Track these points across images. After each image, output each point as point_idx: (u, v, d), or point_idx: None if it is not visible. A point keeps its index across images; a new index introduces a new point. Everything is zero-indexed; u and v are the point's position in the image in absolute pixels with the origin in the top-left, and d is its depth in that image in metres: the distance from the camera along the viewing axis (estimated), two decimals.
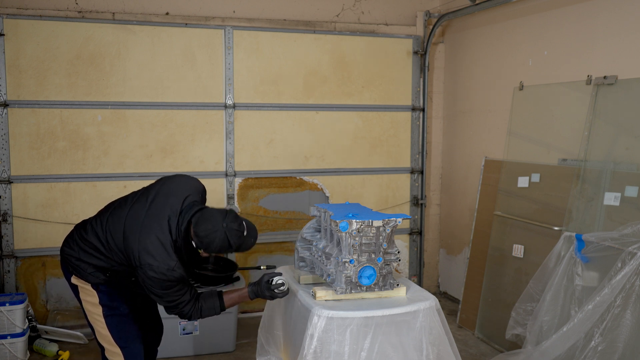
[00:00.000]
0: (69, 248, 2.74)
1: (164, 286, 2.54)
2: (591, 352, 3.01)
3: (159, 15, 4.58)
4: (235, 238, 2.56)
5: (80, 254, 2.70)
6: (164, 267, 2.50)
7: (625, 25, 3.44)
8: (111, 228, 2.65)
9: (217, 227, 2.53)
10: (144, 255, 2.51)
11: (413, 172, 5.28)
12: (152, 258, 2.50)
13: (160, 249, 2.52)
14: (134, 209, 2.65)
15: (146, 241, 2.53)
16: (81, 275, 2.70)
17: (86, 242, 2.69)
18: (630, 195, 3.26)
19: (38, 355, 4.05)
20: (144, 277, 2.52)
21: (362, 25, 5.12)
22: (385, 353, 2.41)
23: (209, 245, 2.55)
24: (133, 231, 2.57)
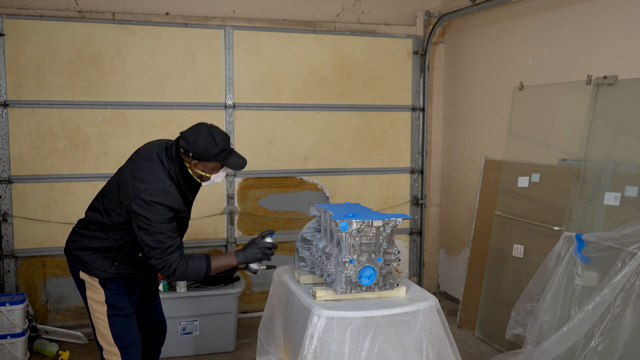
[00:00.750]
0: (71, 242, 2.73)
1: (157, 218, 2.47)
2: (591, 352, 3.01)
3: (159, 15, 4.58)
4: (220, 137, 2.57)
5: (83, 241, 2.67)
6: (158, 189, 2.48)
7: (625, 25, 3.44)
8: (105, 191, 2.67)
9: (202, 127, 2.58)
10: (137, 184, 2.50)
11: (413, 172, 5.29)
12: (145, 183, 2.49)
13: (152, 174, 2.52)
14: (121, 169, 2.68)
15: (138, 172, 2.54)
16: (88, 270, 2.67)
17: (86, 224, 2.69)
18: (630, 195, 3.26)
19: (38, 355, 4.05)
20: (137, 211, 2.46)
21: (362, 25, 5.12)
22: (385, 353, 2.41)
23: (195, 145, 2.52)
24: (125, 175, 2.58)
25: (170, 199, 2.50)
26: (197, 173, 2.64)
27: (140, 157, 2.63)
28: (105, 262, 2.66)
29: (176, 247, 2.52)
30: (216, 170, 2.65)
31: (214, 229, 4.75)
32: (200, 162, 2.59)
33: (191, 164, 2.61)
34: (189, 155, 2.57)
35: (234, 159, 2.63)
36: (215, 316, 4.06)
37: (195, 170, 2.63)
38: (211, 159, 2.57)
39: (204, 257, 2.60)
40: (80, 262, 2.69)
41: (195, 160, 2.58)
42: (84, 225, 2.71)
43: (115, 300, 2.71)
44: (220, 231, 4.76)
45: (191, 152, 2.55)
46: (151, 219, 2.47)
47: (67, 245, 2.76)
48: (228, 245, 4.78)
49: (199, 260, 2.58)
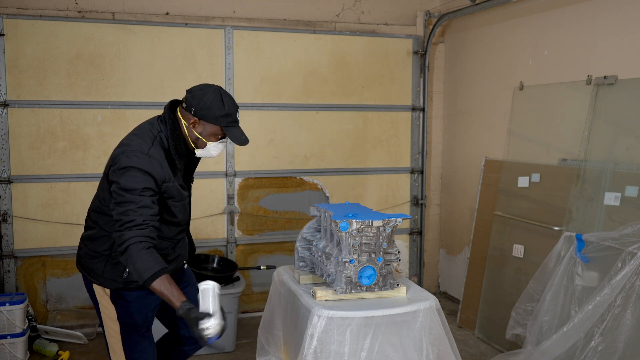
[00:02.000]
0: (80, 250, 2.56)
1: (130, 185, 2.20)
2: (591, 352, 3.01)
3: (159, 15, 4.58)
4: (229, 101, 2.39)
5: (88, 245, 2.48)
6: (136, 151, 2.25)
7: (625, 25, 3.44)
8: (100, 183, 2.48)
9: (212, 86, 2.41)
10: (117, 151, 2.32)
11: (413, 172, 5.28)
12: (124, 147, 2.31)
13: (135, 139, 2.33)
14: None
15: (122, 141, 2.38)
16: (99, 281, 2.45)
17: (89, 225, 2.51)
18: (630, 195, 3.26)
19: (38, 355, 4.05)
20: (113, 178, 2.26)
21: (362, 25, 5.12)
22: (385, 353, 2.41)
23: (200, 99, 2.32)
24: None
25: (148, 163, 2.24)
26: (193, 135, 2.39)
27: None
28: (114, 269, 2.42)
29: (137, 225, 2.19)
30: (214, 138, 2.41)
31: (214, 229, 4.75)
32: (201, 121, 2.36)
33: (190, 122, 2.37)
34: (190, 110, 2.34)
35: (237, 132, 2.41)
36: None
37: (192, 131, 2.39)
38: (213, 120, 2.35)
39: (159, 266, 2.19)
40: (90, 272, 2.48)
41: (196, 118, 2.35)
42: (87, 227, 2.54)
43: (128, 318, 2.47)
44: (220, 231, 4.76)
45: (194, 107, 2.33)
46: (124, 185, 2.22)
47: (77, 255, 2.58)
48: (228, 245, 4.78)
49: (153, 263, 2.19)
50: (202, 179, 4.61)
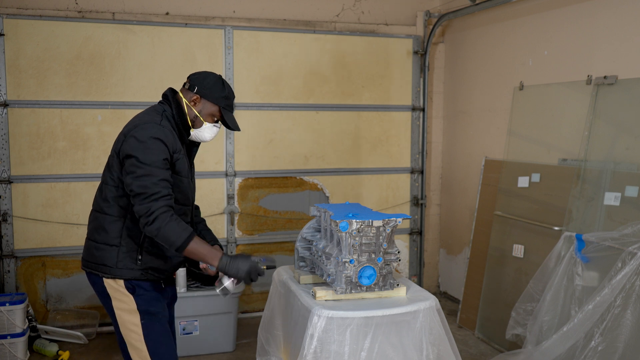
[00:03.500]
0: (87, 248, 2.45)
1: (150, 157, 2.25)
2: (591, 352, 3.01)
3: (159, 15, 4.58)
4: (228, 86, 2.51)
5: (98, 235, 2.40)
6: (151, 122, 2.31)
7: (625, 25, 3.44)
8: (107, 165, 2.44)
9: (213, 73, 2.54)
10: (128, 127, 2.36)
11: (413, 172, 5.28)
12: (137, 120, 2.36)
13: (144, 115, 2.39)
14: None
15: (131, 121, 2.42)
16: (112, 273, 2.36)
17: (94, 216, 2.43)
18: (630, 195, 3.26)
19: (38, 355, 4.05)
20: (128, 152, 2.27)
21: (362, 25, 5.12)
22: (385, 353, 2.41)
23: (203, 80, 2.46)
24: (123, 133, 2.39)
25: (162, 132, 2.31)
26: (192, 113, 2.47)
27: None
28: (128, 257, 2.37)
29: (163, 196, 2.25)
30: (211, 119, 2.50)
31: (213, 228, 4.73)
32: (201, 99, 2.47)
33: (191, 100, 2.46)
34: (193, 89, 2.46)
35: (232, 117, 2.53)
36: (215, 316, 4.06)
37: (192, 110, 2.47)
38: (214, 100, 2.46)
39: (189, 230, 2.28)
40: (100, 265, 2.38)
41: (198, 95, 2.46)
42: (93, 219, 2.44)
43: (148, 305, 2.40)
44: (220, 231, 4.76)
45: (197, 86, 2.45)
46: (142, 158, 2.25)
47: (83, 254, 2.48)
48: (228, 245, 4.77)
49: (182, 229, 2.26)
50: (202, 179, 4.62)
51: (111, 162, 2.40)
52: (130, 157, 2.27)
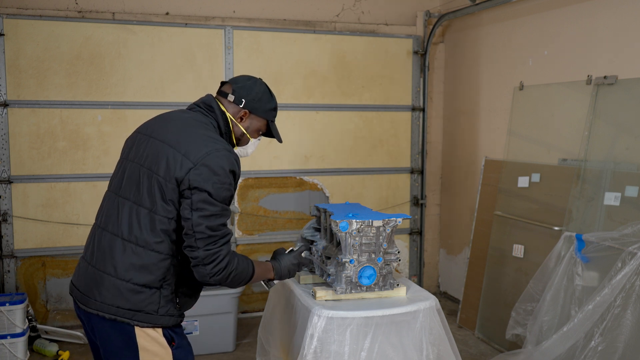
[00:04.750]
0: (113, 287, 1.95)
1: (222, 193, 1.92)
2: (591, 352, 3.01)
3: (159, 15, 4.58)
4: (273, 94, 2.27)
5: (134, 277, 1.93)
6: (222, 149, 1.95)
7: (625, 25, 3.44)
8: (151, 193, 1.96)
9: (254, 77, 2.25)
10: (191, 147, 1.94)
11: (413, 172, 5.28)
12: (203, 143, 1.95)
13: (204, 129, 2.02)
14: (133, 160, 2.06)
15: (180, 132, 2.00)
16: (150, 320, 1.95)
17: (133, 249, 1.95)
18: (630, 195, 3.26)
19: (38, 355, 4.05)
20: (199, 185, 1.89)
21: (362, 25, 5.12)
22: (385, 353, 2.41)
23: (250, 91, 2.17)
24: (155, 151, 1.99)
25: (237, 163, 1.99)
26: (239, 130, 2.19)
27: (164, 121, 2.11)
28: (169, 302, 2.01)
29: (229, 237, 1.99)
30: (256, 134, 2.25)
31: None
32: (250, 114, 2.19)
33: (237, 116, 2.18)
34: (240, 102, 2.16)
35: (276, 127, 2.29)
36: (215, 316, 4.06)
37: (238, 126, 2.19)
38: (262, 113, 2.20)
39: (248, 259, 2.10)
40: (137, 312, 1.94)
41: (246, 110, 2.17)
42: (134, 249, 1.96)
43: (187, 357, 2.08)
44: None
45: (244, 99, 2.16)
46: (215, 195, 1.91)
47: (107, 298, 1.95)
48: None
49: (246, 262, 2.07)
50: None
51: (161, 187, 1.95)
52: (200, 190, 1.91)
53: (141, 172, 2.00)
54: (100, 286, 1.96)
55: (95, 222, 2.11)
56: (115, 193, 2.06)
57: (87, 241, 2.11)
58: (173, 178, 1.93)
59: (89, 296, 1.98)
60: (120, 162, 2.17)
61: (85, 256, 2.07)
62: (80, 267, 2.08)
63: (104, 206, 2.10)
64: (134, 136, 2.20)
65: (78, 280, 2.06)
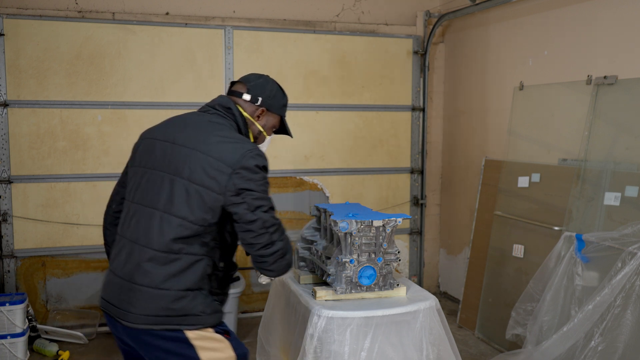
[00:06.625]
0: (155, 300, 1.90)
1: (265, 187, 1.99)
2: (591, 352, 3.01)
3: (159, 15, 4.58)
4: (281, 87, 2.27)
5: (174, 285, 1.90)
6: (254, 148, 1.97)
7: (625, 25, 3.44)
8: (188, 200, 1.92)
9: (263, 75, 2.26)
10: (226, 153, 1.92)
11: (413, 172, 5.28)
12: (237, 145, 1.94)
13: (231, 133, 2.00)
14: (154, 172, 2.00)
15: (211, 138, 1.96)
16: (201, 321, 1.93)
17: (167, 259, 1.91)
18: (630, 195, 3.26)
19: (38, 355, 4.05)
20: (245, 185, 1.92)
21: (362, 25, 5.12)
22: (385, 353, 2.41)
23: (264, 88, 2.17)
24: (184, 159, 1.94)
25: (265, 157, 2.01)
26: (256, 129, 2.18)
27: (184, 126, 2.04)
28: (213, 299, 2.01)
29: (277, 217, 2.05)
30: (270, 131, 2.26)
31: None
32: (266, 112, 2.19)
33: (254, 115, 2.17)
34: (256, 100, 2.15)
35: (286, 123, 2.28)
36: None
37: (255, 125, 2.18)
38: (277, 110, 2.22)
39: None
40: (185, 317, 1.91)
41: (263, 107, 2.17)
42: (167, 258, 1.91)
43: (242, 348, 2.05)
44: None
45: (260, 97, 2.15)
46: (262, 190, 1.96)
47: (149, 309, 1.89)
48: None
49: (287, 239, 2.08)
50: None
51: (201, 195, 1.92)
52: (249, 191, 1.94)
53: (171, 180, 1.95)
54: (140, 299, 1.90)
55: (121, 234, 2.04)
56: (140, 204, 2.00)
57: (114, 253, 2.05)
58: (214, 186, 1.91)
59: (130, 311, 1.90)
60: (136, 171, 2.07)
61: (115, 269, 2.00)
62: (111, 282, 2.00)
63: (129, 217, 2.02)
64: (149, 143, 2.08)
65: (111, 295, 1.98)
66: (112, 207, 2.22)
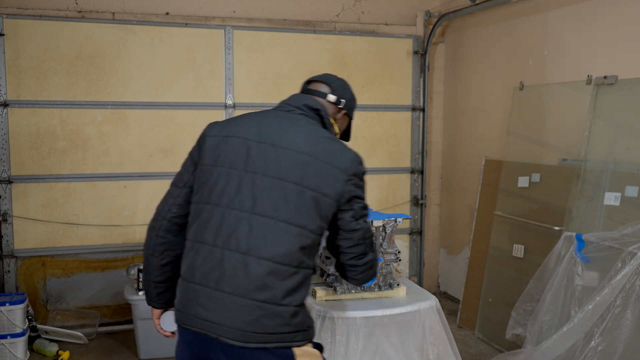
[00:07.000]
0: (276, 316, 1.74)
1: (365, 191, 1.94)
2: (591, 352, 3.01)
3: (159, 15, 4.58)
4: None
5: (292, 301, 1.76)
6: (358, 156, 1.91)
7: (625, 25, 3.44)
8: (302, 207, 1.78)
9: (336, 75, 2.15)
10: (342, 160, 1.83)
11: (413, 172, 5.28)
12: (344, 151, 1.86)
13: (331, 136, 1.89)
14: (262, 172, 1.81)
15: (319, 141, 1.85)
16: (309, 335, 1.81)
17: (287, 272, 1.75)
18: (630, 195, 3.26)
19: (38, 355, 4.05)
20: (356, 193, 1.87)
21: (362, 25, 5.12)
22: (385, 353, 2.41)
23: (345, 90, 2.07)
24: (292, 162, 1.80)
25: None
26: (333, 132, 2.06)
27: (281, 126, 1.90)
28: (308, 311, 1.87)
29: None
30: (340, 134, 2.15)
31: None
32: (345, 115, 2.09)
33: (337, 116, 2.07)
34: (339, 103, 2.04)
35: None
36: None
37: (334, 127, 2.07)
38: (351, 113, 2.11)
39: None
40: (299, 333, 1.79)
41: (345, 110, 2.07)
42: (289, 271, 1.75)
43: None
44: None
45: (343, 99, 2.05)
46: (364, 199, 1.92)
47: (267, 327, 1.73)
48: None
49: None
50: None
51: (317, 201, 1.79)
52: (359, 199, 1.90)
53: (282, 186, 1.78)
54: (257, 316, 1.72)
55: (213, 243, 1.78)
56: (241, 210, 1.78)
57: (197, 263, 1.79)
58: (330, 192, 1.80)
59: (243, 329, 1.72)
60: (219, 172, 1.84)
61: (209, 283, 1.76)
62: (210, 298, 1.76)
63: (220, 224, 1.79)
64: (233, 142, 1.86)
65: (213, 313, 1.75)
66: (173, 211, 1.92)
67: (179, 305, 1.84)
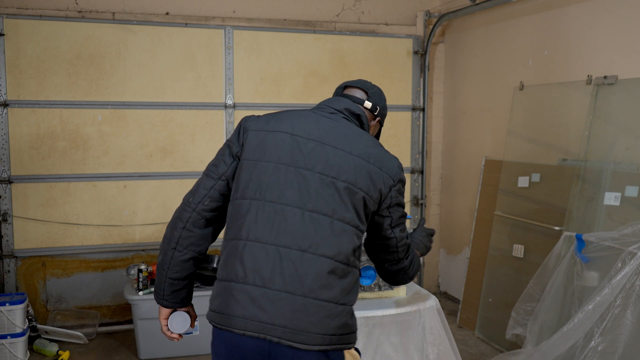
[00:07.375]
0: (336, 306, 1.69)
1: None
2: (591, 352, 3.01)
3: (159, 15, 4.58)
4: None
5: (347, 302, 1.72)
6: (400, 163, 1.91)
7: (625, 25, 3.44)
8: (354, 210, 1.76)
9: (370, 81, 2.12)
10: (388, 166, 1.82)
11: (413, 172, 5.28)
12: (388, 159, 1.85)
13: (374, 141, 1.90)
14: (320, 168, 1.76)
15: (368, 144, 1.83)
16: (353, 338, 1.75)
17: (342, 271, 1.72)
18: (630, 195, 3.26)
19: (38, 355, 4.05)
20: (399, 200, 1.86)
21: (362, 25, 5.12)
22: (385, 353, 2.41)
23: (380, 97, 2.06)
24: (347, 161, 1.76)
25: None
26: None
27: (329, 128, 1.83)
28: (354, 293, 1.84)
29: None
30: None
31: None
32: (378, 122, 2.08)
33: (371, 123, 2.05)
34: (374, 110, 2.02)
35: None
36: None
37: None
38: (383, 120, 2.10)
39: None
40: (352, 334, 1.75)
41: (379, 118, 2.06)
42: (344, 270, 1.72)
43: None
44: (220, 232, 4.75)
45: (379, 106, 2.04)
46: (404, 206, 1.90)
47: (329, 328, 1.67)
48: None
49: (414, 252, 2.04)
50: None
51: (366, 203, 1.78)
52: (399, 206, 1.87)
53: (335, 185, 1.73)
54: (321, 317, 1.66)
55: (264, 240, 1.70)
56: (294, 206, 1.72)
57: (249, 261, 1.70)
58: (376, 195, 1.79)
59: (309, 330, 1.65)
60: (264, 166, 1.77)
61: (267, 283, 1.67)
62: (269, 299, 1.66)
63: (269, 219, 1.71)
64: (278, 137, 1.80)
65: (276, 314, 1.65)
66: (205, 204, 1.83)
67: (221, 308, 1.72)
